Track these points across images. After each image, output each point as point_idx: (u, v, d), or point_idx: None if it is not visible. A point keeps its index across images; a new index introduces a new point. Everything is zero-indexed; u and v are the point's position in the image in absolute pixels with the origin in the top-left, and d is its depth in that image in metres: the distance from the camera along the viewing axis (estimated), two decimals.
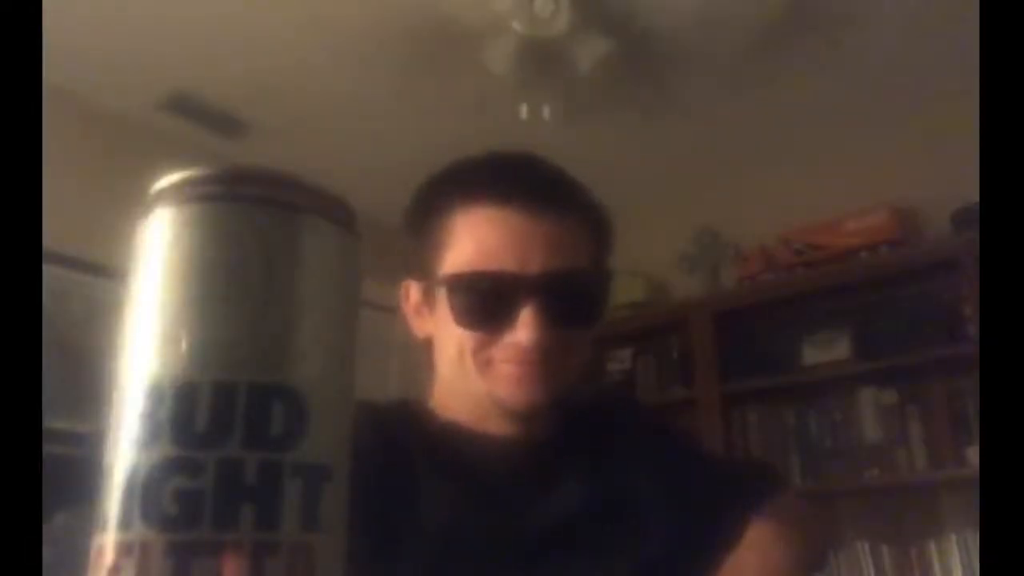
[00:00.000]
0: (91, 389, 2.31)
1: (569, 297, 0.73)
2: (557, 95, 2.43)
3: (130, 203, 0.35)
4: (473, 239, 0.73)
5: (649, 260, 3.24)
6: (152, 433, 0.27)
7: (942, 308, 2.75)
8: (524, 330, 0.71)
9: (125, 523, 0.26)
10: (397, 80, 2.62)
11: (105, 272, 2.38)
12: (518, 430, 0.78)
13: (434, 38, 2.44)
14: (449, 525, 0.74)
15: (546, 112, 2.38)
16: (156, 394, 0.27)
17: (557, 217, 0.74)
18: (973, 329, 2.57)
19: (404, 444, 0.78)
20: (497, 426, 0.78)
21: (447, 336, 0.76)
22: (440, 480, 0.76)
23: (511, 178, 0.76)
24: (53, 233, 1.02)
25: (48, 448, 0.62)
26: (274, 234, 0.29)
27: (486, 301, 0.73)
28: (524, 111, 2.38)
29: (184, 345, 0.27)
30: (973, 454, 2.58)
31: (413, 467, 0.76)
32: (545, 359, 0.73)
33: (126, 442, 0.27)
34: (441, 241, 0.75)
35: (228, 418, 0.27)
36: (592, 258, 0.78)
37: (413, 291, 0.81)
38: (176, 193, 0.30)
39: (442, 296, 0.74)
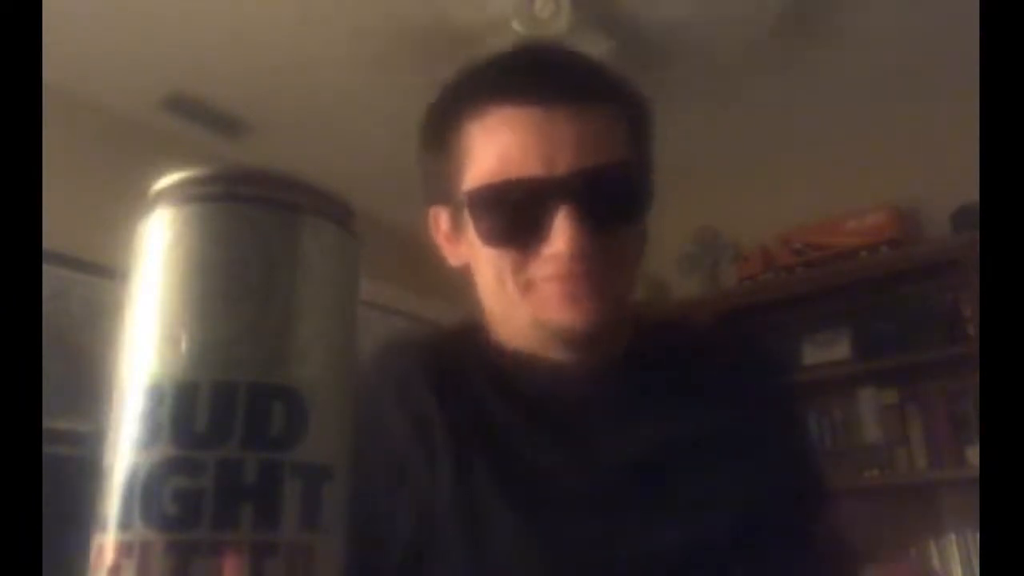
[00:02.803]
0: (91, 389, 2.31)
1: (607, 195, 0.65)
2: None
3: (130, 203, 0.35)
4: (492, 147, 0.66)
5: (649, 260, 3.24)
6: (152, 433, 0.27)
7: (942, 308, 2.76)
8: (561, 238, 0.63)
9: (125, 523, 0.26)
10: (397, 80, 2.62)
11: (105, 272, 2.38)
12: (582, 357, 0.71)
13: (434, 38, 2.44)
14: (516, 458, 0.69)
15: None
16: (156, 394, 0.27)
17: (584, 109, 0.65)
18: (973, 329, 2.57)
19: (472, 373, 0.73)
20: (559, 354, 0.71)
21: (482, 261, 0.69)
22: (509, 412, 0.71)
23: (526, 72, 0.68)
24: (53, 233, 1.02)
25: (48, 448, 0.62)
26: (274, 234, 0.29)
27: (515, 213, 0.65)
28: None
29: (184, 345, 0.27)
30: (973, 454, 2.58)
31: (482, 397, 0.72)
32: (591, 269, 0.65)
33: (126, 442, 0.27)
34: (460, 156, 0.68)
35: (228, 418, 0.27)
36: (629, 149, 0.69)
37: (442, 218, 0.74)
38: (176, 193, 0.30)
39: (468, 217, 0.67)
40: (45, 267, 2.13)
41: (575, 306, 0.66)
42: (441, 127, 0.71)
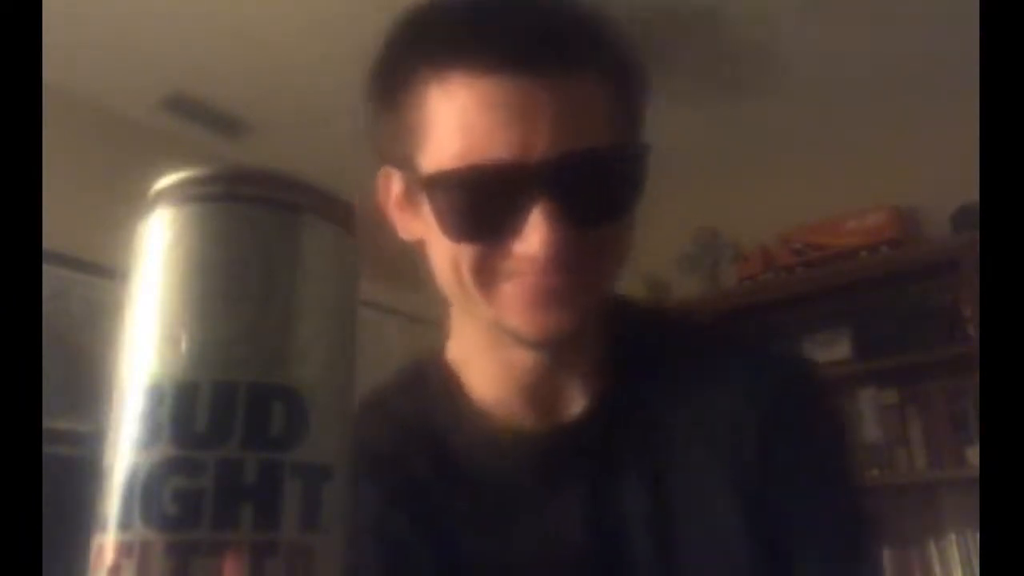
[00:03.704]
0: (91, 389, 2.31)
1: (591, 185, 0.55)
2: None
3: (130, 203, 0.35)
4: (456, 121, 0.55)
5: (649, 260, 3.25)
6: (152, 433, 0.27)
7: (942, 308, 2.76)
8: (535, 236, 0.53)
9: (125, 523, 0.26)
10: None
11: (105, 272, 2.38)
12: (544, 382, 0.64)
13: None
14: (468, 549, 0.62)
15: None
16: (156, 394, 0.27)
17: (566, 77, 0.54)
18: (973, 329, 2.57)
19: (418, 454, 0.66)
20: (519, 389, 0.64)
21: (439, 249, 0.59)
22: (451, 496, 0.64)
23: (497, 27, 0.55)
24: (53, 233, 1.02)
25: (48, 448, 0.62)
26: (274, 234, 0.29)
27: (482, 204, 0.55)
28: None
29: (184, 345, 0.27)
30: (973, 454, 2.58)
31: (428, 485, 0.65)
32: (565, 274, 0.56)
33: (126, 442, 0.27)
34: (416, 122, 0.57)
35: (228, 418, 0.27)
36: (620, 127, 0.58)
37: (394, 182, 0.63)
38: (176, 193, 0.30)
39: (425, 199, 0.58)
40: (45, 267, 2.13)
41: (542, 314, 0.57)
42: (394, 82, 0.59)
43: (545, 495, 0.63)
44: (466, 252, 0.57)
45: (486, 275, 0.57)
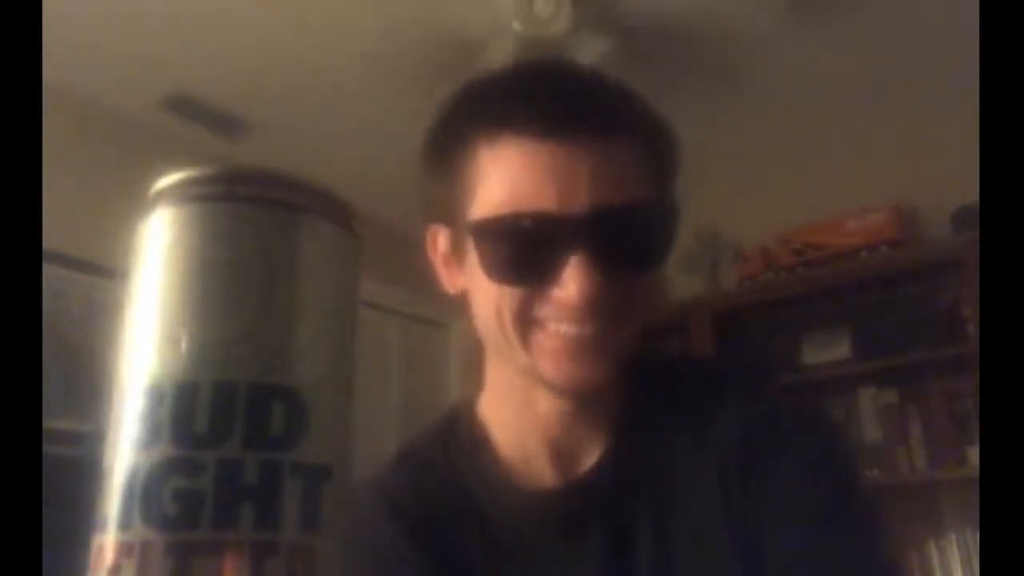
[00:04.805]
0: (91, 389, 2.32)
1: (625, 238, 0.60)
2: None
3: (130, 203, 0.35)
4: (504, 177, 0.60)
5: None
6: (152, 433, 0.27)
7: (942, 308, 2.76)
8: (572, 283, 0.58)
9: (125, 523, 0.26)
10: (397, 79, 2.62)
11: (105, 272, 2.38)
12: (561, 474, 0.68)
13: (434, 38, 2.44)
14: None
15: None
16: (156, 394, 0.27)
17: (605, 140, 0.60)
18: (973, 329, 2.57)
19: (444, 507, 0.69)
20: (546, 442, 0.68)
21: (482, 292, 0.64)
22: (480, 555, 0.67)
23: (542, 97, 0.61)
24: (53, 233, 1.02)
25: (48, 448, 0.62)
26: (274, 234, 0.29)
27: (524, 249, 0.60)
28: None
29: (184, 345, 0.27)
30: (973, 454, 2.58)
31: (455, 541, 0.68)
32: (599, 317, 0.60)
33: (126, 442, 0.27)
34: (467, 180, 0.63)
35: (228, 418, 0.27)
36: (653, 188, 0.63)
37: (441, 238, 0.68)
38: (176, 193, 0.30)
39: (472, 246, 0.62)
40: (45, 267, 2.13)
41: (574, 365, 0.62)
42: (448, 147, 0.65)
43: (560, 547, 0.66)
44: (508, 296, 0.61)
45: (526, 321, 0.62)
